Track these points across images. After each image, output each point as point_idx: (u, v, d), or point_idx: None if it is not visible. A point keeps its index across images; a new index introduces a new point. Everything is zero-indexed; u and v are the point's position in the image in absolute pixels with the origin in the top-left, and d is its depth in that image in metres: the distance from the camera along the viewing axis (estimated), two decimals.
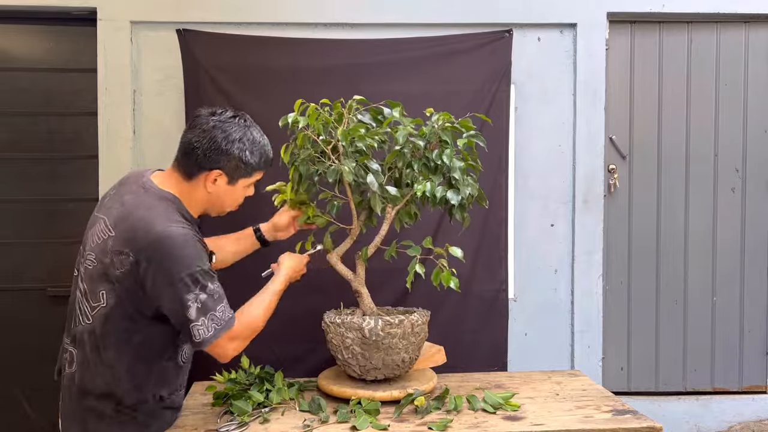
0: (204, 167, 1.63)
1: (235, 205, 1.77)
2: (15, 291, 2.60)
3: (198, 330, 1.54)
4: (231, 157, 1.63)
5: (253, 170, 1.69)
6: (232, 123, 1.65)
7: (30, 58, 2.59)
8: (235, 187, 1.69)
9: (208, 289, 1.55)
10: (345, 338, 1.81)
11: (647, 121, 2.72)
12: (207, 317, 1.54)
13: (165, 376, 1.66)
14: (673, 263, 2.74)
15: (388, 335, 1.77)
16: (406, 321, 1.79)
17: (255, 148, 1.67)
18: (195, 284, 1.52)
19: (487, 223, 2.52)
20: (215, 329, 1.56)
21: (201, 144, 1.62)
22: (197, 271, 1.53)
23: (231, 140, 1.63)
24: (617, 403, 1.81)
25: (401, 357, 1.81)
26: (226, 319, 1.58)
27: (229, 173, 1.65)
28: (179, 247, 1.52)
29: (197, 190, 1.66)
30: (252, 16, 2.50)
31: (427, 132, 1.84)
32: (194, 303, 1.52)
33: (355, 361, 1.82)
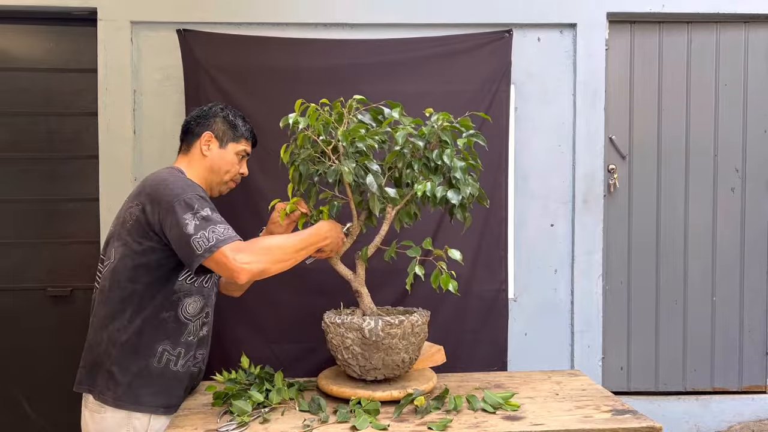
0: (196, 133, 1.89)
1: (232, 173, 1.93)
2: (15, 291, 2.60)
3: (197, 242, 1.62)
4: (217, 118, 1.90)
5: (240, 134, 1.92)
6: (214, 103, 1.97)
7: (30, 58, 2.59)
8: (226, 150, 1.90)
9: (204, 212, 1.66)
10: (345, 338, 1.81)
11: (647, 121, 2.72)
12: (207, 230, 1.63)
13: (165, 328, 1.76)
14: (673, 263, 2.74)
15: (389, 335, 1.77)
16: (406, 321, 1.79)
17: (237, 116, 1.94)
18: (192, 206, 1.66)
19: (487, 223, 2.52)
20: (216, 239, 1.62)
21: (192, 116, 1.93)
22: (194, 196, 1.68)
23: (214, 107, 1.93)
24: (617, 403, 1.81)
25: (401, 357, 1.80)
26: (229, 235, 1.65)
27: (218, 135, 1.89)
28: (176, 181, 1.73)
29: (196, 159, 1.89)
30: (252, 16, 2.50)
31: (427, 132, 1.84)
32: (192, 220, 1.64)
33: (355, 361, 1.82)
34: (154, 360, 1.75)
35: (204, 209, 1.67)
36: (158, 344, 1.75)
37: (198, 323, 1.84)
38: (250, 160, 2.06)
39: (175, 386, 1.80)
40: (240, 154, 1.94)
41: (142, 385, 1.74)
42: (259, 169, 2.37)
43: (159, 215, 1.68)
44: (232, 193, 2.39)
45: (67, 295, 2.58)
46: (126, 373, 1.73)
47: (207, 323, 1.89)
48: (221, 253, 1.62)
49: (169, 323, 1.76)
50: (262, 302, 2.42)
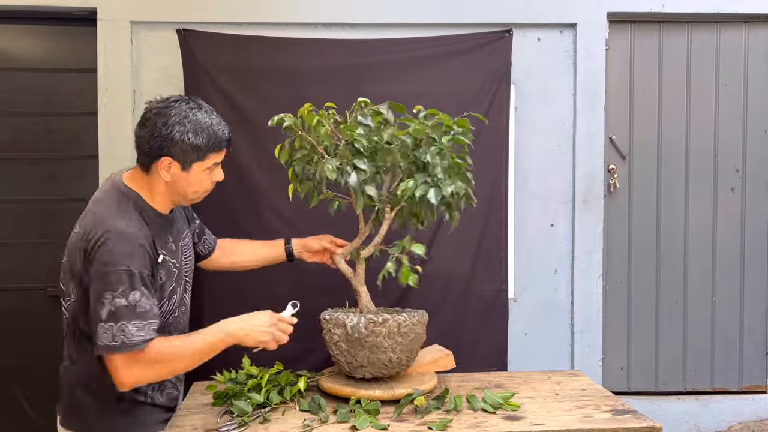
0: (154, 157, 1.60)
1: (202, 190, 1.69)
2: (15, 291, 2.60)
3: (103, 333, 1.49)
4: (174, 141, 1.58)
5: (204, 152, 1.62)
6: (172, 107, 1.60)
7: (30, 58, 2.59)
8: (190, 172, 1.63)
9: (130, 297, 1.49)
10: (333, 334, 1.83)
11: (647, 121, 2.72)
12: (117, 326, 1.48)
13: None
14: (673, 263, 2.74)
15: (372, 333, 1.77)
16: (391, 320, 1.78)
17: (199, 129, 1.59)
18: (117, 284, 1.48)
19: (487, 223, 2.52)
20: (123, 342, 1.48)
21: (144, 135, 1.60)
22: (123, 271, 1.49)
23: (170, 125, 1.58)
24: (617, 403, 1.81)
25: (388, 356, 1.80)
26: (137, 340, 1.49)
27: (179, 158, 1.60)
28: (114, 241, 1.51)
29: (156, 182, 1.64)
30: (252, 16, 2.50)
31: (411, 131, 1.80)
32: (109, 305, 1.48)
33: (342, 357, 1.84)
34: (140, 395, 1.68)
35: (130, 293, 1.49)
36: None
37: None
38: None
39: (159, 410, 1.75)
40: (210, 168, 1.67)
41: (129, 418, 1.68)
42: (257, 167, 2.37)
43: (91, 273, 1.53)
44: (230, 193, 2.39)
45: None
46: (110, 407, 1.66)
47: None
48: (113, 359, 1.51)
49: None
50: (263, 302, 2.41)
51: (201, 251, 1.96)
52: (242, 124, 2.37)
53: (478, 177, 2.47)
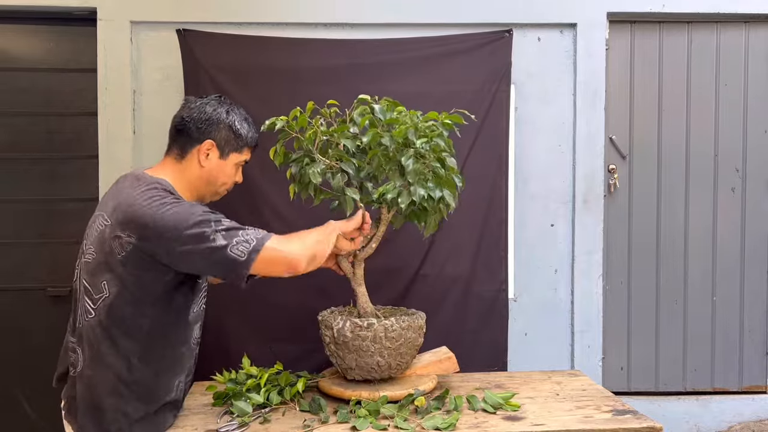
0: (197, 139, 1.67)
1: (230, 183, 1.77)
2: (15, 291, 2.60)
3: (236, 250, 1.50)
4: (222, 125, 1.67)
5: (243, 144, 1.72)
6: (218, 100, 1.74)
7: (30, 58, 2.59)
8: (226, 161, 1.71)
9: (224, 222, 1.54)
10: (325, 336, 1.84)
11: (647, 121, 2.72)
12: (239, 236, 1.52)
13: (181, 363, 1.67)
14: (673, 263, 2.74)
15: (358, 337, 1.78)
16: (377, 325, 1.78)
17: (245, 121, 1.73)
18: (206, 223, 1.51)
19: (487, 224, 2.52)
20: (255, 239, 1.53)
21: (192, 117, 1.68)
22: (200, 213, 1.52)
23: (221, 110, 1.69)
24: (617, 403, 1.81)
25: (375, 360, 1.80)
26: (263, 233, 1.56)
27: (221, 145, 1.68)
28: (172, 213, 1.52)
29: (190, 168, 1.69)
30: (252, 16, 2.50)
31: (394, 132, 1.78)
32: (217, 234, 1.50)
33: (333, 359, 1.86)
34: (171, 395, 1.65)
35: (220, 220, 1.54)
36: (176, 378, 1.66)
37: (196, 344, 1.77)
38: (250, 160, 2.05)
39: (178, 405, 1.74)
40: (240, 164, 1.77)
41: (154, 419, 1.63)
42: (258, 167, 2.37)
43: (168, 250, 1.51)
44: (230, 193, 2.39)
45: (67, 295, 2.58)
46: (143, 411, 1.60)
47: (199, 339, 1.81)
48: (269, 249, 1.53)
49: (184, 356, 1.67)
50: (263, 303, 2.42)
51: None
52: None
53: (477, 177, 2.50)
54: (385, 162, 1.80)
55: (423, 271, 2.50)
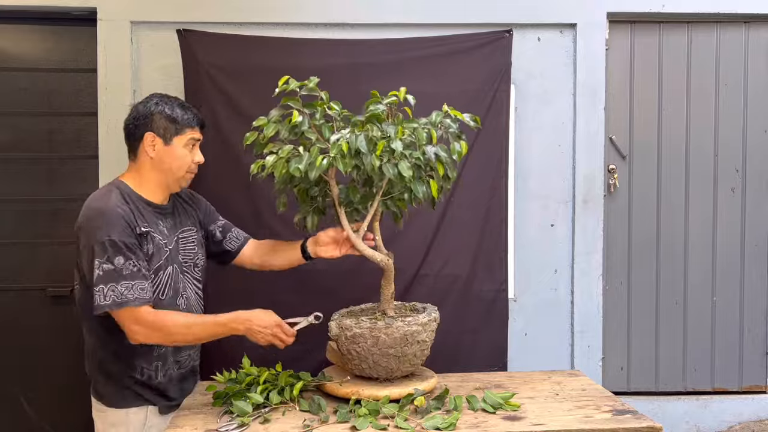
0: (138, 137, 1.79)
1: (185, 166, 1.82)
2: (15, 291, 2.60)
3: (96, 295, 1.64)
4: (152, 115, 1.78)
5: (183, 125, 1.80)
6: (149, 97, 1.84)
7: (30, 58, 2.59)
8: (172, 146, 1.79)
9: (115, 261, 1.65)
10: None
11: (647, 121, 2.72)
12: (107, 287, 1.64)
13: (135, 349, 1.76)
14: (673, 263, 2.74)
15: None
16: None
17: (174, 105, 1.80)
18: (102, 252, 1.65)
19: (487, 223, 2.52)
20: (113, 300, 1.64)
21: (130, 119, 1.82)
22: (106, 240, 1.65)
23: (148, 105, 1.80)
24: (617, 403, 1.81)
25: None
26: (128, 298, 1.65)
27: (160, 133, 1.78)
28: (95, 218, 1.68)
29: (144, 164, 1.81)
30: (252, 16, 2.50)
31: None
32: (98, 269, 1.64)
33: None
34: (136, 373, 1.79)
35: (113, 259, 1.64)
36: (135, 360, 1.78)
37: None
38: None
39: (165, 390, 1.84)
40: (189, 144, 1.82)
41: (131, 391, 1.79)
42: None
43: (80, 249, 1.70)
44: (230, 193, 2.39)
45: (67, 295, 2.58)
46: (116, 382, 1.79)
47: None
48: (118, 316, 1.67)
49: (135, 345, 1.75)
50: (263, 302, 2.41)
51: (230, 247, 2.05)
52: (242, 124, 2.37)
53: (478, 177, 2.50)
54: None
55: (423, 271, 2.50)
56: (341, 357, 1.90)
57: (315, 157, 1.70)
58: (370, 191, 1.85)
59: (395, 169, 1.70)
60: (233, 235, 2.07)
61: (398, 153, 1.69)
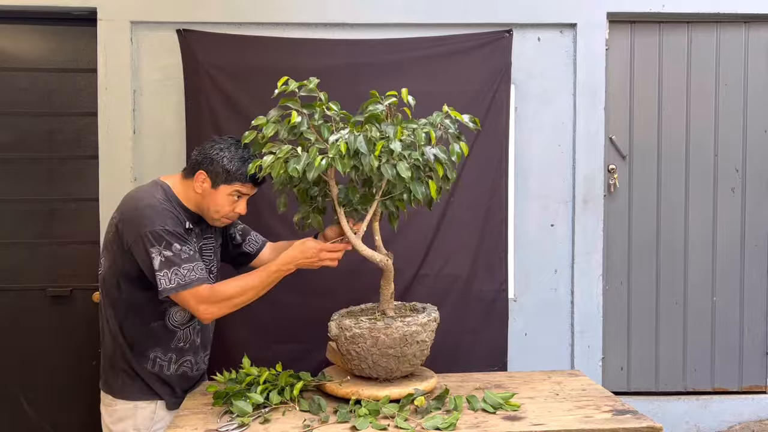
0: (195, 168, 1.87)
1: (222, 212, 1.88)
2: (15, 291, 2.60)
3: (161, 280, 1.73)
4: (212, 160, 1.84)
5: (232, 178, 1.85)
6: (223, 140, 1.90)
7: (30, 58, 2.59)
8: (217, 191, 1.86)
9: (173, 248, 1.74)
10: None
11: (647, 121, 2.72)
12: (171, 271, 1.73)
13: (155, 337, 1.84)
14: (673, 263, 2.74)
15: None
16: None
17: (234, 158, 1.85)
18: (159, 241, 1.73)
19: (487, 223, 2.52)
20: (178, 283, 1.73)
21: (197, 151, 1.91)
22: (160, 230, 1.74)
23: (216, 148, 1.87)
24: (617, 403, 1.81)
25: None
26: (192, 278, 1.74)
27: (212, 176, 1.85)
28: (146, 207, 1.77)
29: (191, 189, 1.88)
30: (252, 16, 2.50)
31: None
32: (158, 256, 1.73)
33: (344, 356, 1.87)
34: (148, 364, 1.85)
35: (171, 246, 1.73)
36: (150, 351, 1.84)
37: (188, 331, 1.90)
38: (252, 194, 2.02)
39: (173, 384, 1.89)
40: (233, 195, 1.87)
41: (141, 383, 1.85)
42: None
43: (129, 240, 1.76)
44: None
45: (67, 295, 2.58)
46: (127, 372, 1.85)
47: (201, 331, 1.95)
48: (183, 297, 1.75)
49: (157, 331, 1.85)
50: (262, 302, 2.41)
51: (249, 250, 2.12)
52: (242, 123, 2.37)
53: (478, 177, 2.50)
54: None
55: (423, 271, 2.50)
56: (341, 357, 1.90)
57: (313, 158, 1.70)
58: (370, 191, 1.86)
59: (394, 170, 1.70)
60: (252, 238, 2.13)
61: (397, 154, 1.70)
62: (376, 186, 1.82)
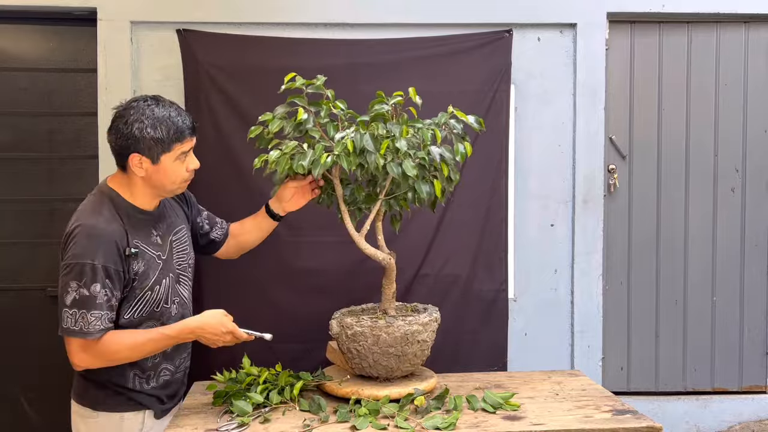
0: (124, 156, 1.70)
1: (179, 180, 1.75)
2: (15, 291, 2.60)
3: (67, 317, 1.63)
4: (136, 139, 1.67)
5: (168, 144, 1.69)
6: (131, 107, 1.70)
7: (30, 58, 2.59)
8: (160, 164, 1.70)
9: (91, 289, 1.61)
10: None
11: (647, 121, 2.72)
12: (79, 313, 1.62)
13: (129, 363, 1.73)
14: (673, 263, 2.74)
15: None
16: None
17: (157, 123, 1.67)
18: (81, 276, 1.61)
19: (487, 223, 2.52)
20: (80, 329, 1.62)
21: (111, 138, 1.72)
22: (88, 264, 1.61)
23: (129, 123, 1.67)
24: (617, 403, 1.81)
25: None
26: (93, 330, 1.62)
27: (146, 153, 1.68)
28: (81, 236, 1.63)
29: (134, 179, 1.73)
30: (252, 16, 2.50)
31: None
32: (75, 292, 1.62)
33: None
34: (129, 382, 1.76)
35: (90, 286, 1.61)
36: (128, 371, 1.75)
37: None
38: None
39: (158, 395, 1.82)
40: (180, 158, 1.73)
41: (125, 397, 1.76)
42: None
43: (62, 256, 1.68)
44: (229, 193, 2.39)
45: None
46: (108, 387, 1.75)
47: None
48: (72, 342, 1.65)
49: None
50: (262, 302, 2.42)
51: (216, 236, 2.04)
52: (242, 123, 2.37)
53: (478, 177, 2.50)
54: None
55: (423, 271, 2.50)
56: (341, 356, 1.90)
57: (319, 155, 1.70)
58: (374, 191, 1.86)
59: (399, 168, 1.70)
60: (218, 224, 2.06)
61: (402, 152, 1.70)
62: (380, 185, 1.82)
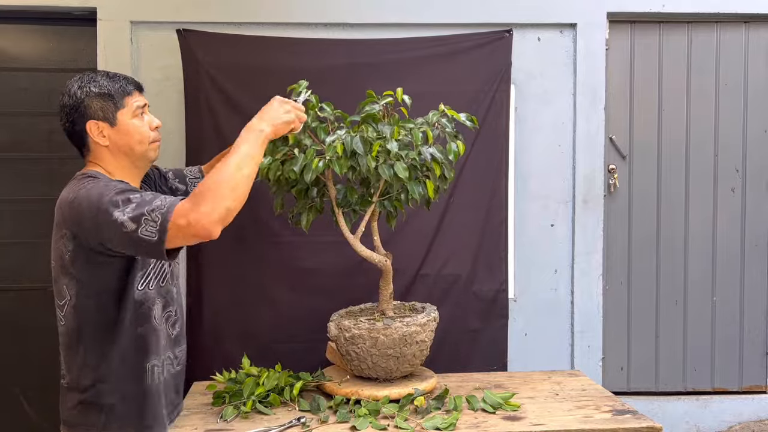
0: (80, 130, 1.63)
1: (145, 138, 1.66)
2: (15, 291, 2.60)
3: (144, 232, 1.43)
4: (83, 102, 1.60)
5: (118, 97, 1.61)
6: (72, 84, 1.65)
7: (30, 58, 2.59)
8: (120, 124, 1.62)
9: (132, 198, 1.46)
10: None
11: (647, 121, 2.72)
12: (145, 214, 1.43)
13: (146, 343, 1.63)
14: (673, 263, 2.74)
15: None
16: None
17: (99, 79, 1.62)
18: (115, 206, 1.45)
19: (487, 223, 2.52)
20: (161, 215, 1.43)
21: (62, 118, 1.65)
22: (111, 195, 1.47)
23: (72, 92, 1.62)
24: (617, 403, 1.81)
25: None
26: (167, 203, 1.44)
27: (101, 116, 1.61)
28: (88, 192, 1.51)
29: (101, 153, 1.64)
30: (252, 16, 2.50)
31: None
32: (124, 215, 1.43)
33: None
34: (147, 377, 1.63)
35: (129, 198, 1.46)
36: (145, 361, 1.64)
37: (168, 325, 1.72)
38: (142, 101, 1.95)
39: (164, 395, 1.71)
40: (137, 113, 1.64)
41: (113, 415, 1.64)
42: None
43: (92, 236, 1.51)
44: None
45: None
46: (124, 399, 1.62)
47: (177, 321, 1.76)
48: (175, 223, 1.42)
49: (147, 337, 1.63)
50: (262, 302, 2.42)
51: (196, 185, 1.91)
52: (242, 124, 2.36)
53: (477, 177, 2.50)
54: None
55: (423, 271, 2.50)
56: (341, 357, 1.90)
57: (310, 159, 1.70)
58: (368, 192, 1.86)
59: (391, 170, 1.70)
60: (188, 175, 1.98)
61: (394, 154, 1.70)
62: (373, 186, 1.82)
